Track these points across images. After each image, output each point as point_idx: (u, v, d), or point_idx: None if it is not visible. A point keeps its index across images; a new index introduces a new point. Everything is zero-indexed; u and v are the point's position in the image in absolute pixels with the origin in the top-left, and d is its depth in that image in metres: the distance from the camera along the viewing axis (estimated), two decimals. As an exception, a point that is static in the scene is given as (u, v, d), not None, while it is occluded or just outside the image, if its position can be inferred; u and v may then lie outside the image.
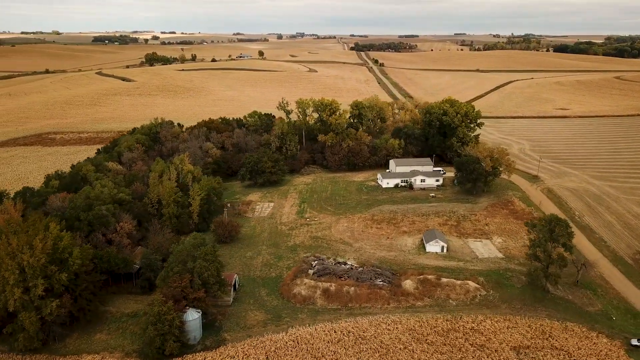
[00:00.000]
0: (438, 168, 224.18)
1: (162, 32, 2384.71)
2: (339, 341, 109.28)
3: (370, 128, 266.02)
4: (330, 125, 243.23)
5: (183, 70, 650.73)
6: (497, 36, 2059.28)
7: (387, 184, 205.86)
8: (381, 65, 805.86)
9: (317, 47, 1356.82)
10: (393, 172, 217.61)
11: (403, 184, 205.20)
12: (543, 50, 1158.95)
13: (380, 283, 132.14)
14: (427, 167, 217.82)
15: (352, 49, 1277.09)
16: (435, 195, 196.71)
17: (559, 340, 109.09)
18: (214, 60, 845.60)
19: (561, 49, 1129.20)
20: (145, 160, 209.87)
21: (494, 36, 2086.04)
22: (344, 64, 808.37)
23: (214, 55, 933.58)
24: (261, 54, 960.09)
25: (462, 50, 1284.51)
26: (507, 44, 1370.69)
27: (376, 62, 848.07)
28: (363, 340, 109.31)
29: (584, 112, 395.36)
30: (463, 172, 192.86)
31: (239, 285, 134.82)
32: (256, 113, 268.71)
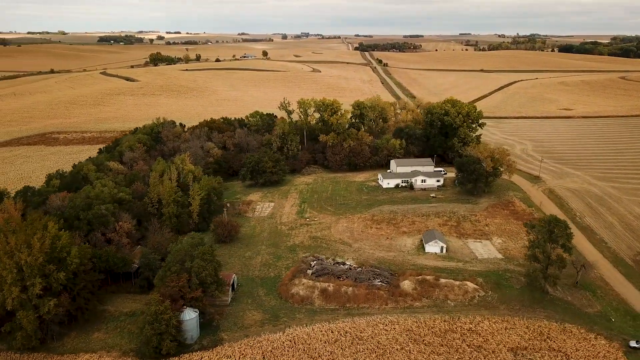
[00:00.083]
0: (439, 168, 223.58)
1: (167, 32, 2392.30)
2: (336, 341, 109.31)
3: (372, 128, 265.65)
4: (332, 126, 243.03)
5: (187, 70, 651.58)
6: (502, 36, 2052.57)
7: (388, 184, 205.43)
8: (385, 65, 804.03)
9: (322, 47, 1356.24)
10: (394, 173, 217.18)
11: (404, 184, 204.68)
12: (548, 50, 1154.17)
13: (379, 283, 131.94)
14: (428, 167, 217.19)
15: (356, 49, 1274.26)
16: (436, 195, 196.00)
17: (556, 342, 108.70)
18: (218, 60, 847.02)
19: (566, 49, 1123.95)
20: (147, 160, 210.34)
21: (499, 36, 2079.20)
22: (347, 64, 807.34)
23: (218, 55, 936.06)
24: (265, 54, 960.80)
25: (467, 50, 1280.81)
26: (512, 44, 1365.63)
27: (380, 62, 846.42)
28: (360, 341, 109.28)
29: (587, 112, 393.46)
30: (464, 173, 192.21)
31: (238, 285, 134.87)
32: (258, 113, 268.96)
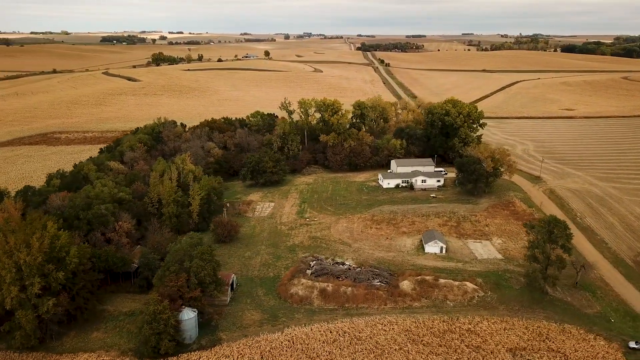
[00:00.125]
0: (440, 169, 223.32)
1: (169, 32, 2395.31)
2: (334, 341, 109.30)
3: (373, 128, 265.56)
4: (332, 126, 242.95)
5: (189, 70, 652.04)
6: (505, 36, 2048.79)
7: (388, 184, 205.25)
8: (387, 65, 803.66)
9: (324, 47, 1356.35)
10: (394, 173, 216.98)
11: (404, 185, 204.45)
12: (551, 51, 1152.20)
13: (378, 283, 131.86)
14: (429, 167, 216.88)
15: (358, 49, 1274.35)
16: (436, 195, 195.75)
17: (555, 342, 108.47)
18: (220, 60, 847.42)
19: (569, 49, 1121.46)
20: (147, 160, 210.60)
21: (501, 36, 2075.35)
22: (349, 64, 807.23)
23: (220, 55, 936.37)
24: (267, 54, 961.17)
25: (469, 50, 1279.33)
26: (514, 44, 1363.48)
27: (382, 62, 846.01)
28: (358, 341, 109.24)
29: (589, 112, 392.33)
30: (464, 173, 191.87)
31: (237, 285, 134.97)
32: (259, 113, 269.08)
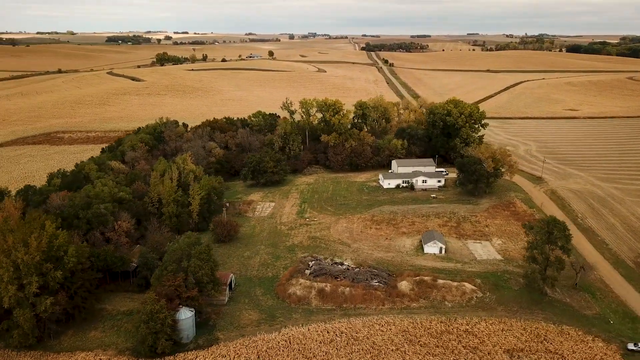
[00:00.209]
0: (441, 169, 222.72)
1: (174, 32, 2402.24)
2: (331, 342, 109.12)
3: (375, 128, 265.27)
4: (334, 126, 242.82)
5: (193, 70, 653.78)
6: (510, 36, 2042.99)
7: (389, 184, 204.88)
8: (391, 65, 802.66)
9: (328, 47, 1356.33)
10: (395, 173, 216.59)
11: (404, 185, 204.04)
12: (556, 51, 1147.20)
13: (376, 284, 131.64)
14: (430, 167, 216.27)
15: (362, 49, 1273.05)
16: (437, 196, 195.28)
17: (553, 344, 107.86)
18: (224, 60, 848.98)
19: (574, 49, 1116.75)
20: (148, 160, 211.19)
21: (507, 36, 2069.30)
22: (353, 64, 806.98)
23: (224, 56, 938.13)
24: (271, 54, 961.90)
25: (474, 50, 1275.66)
26: (519, 44, 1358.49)
27: (386, 62, 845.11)
28: (355, 341, 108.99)
29: (593, 112, 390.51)
30: (465, 173, 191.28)
31: (235, 285, 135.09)
32: (260, 113, 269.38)
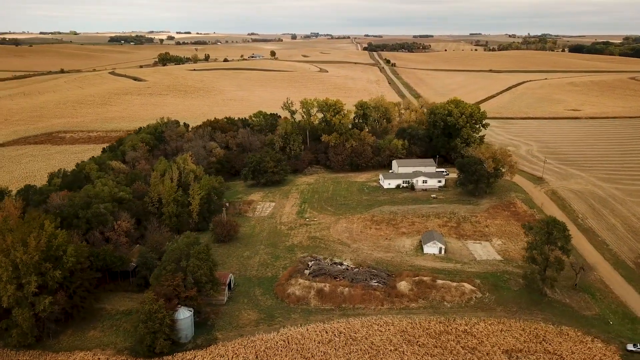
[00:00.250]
0: (441, 169, 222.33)
1: (177, 32, 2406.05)
2: (329, 342, 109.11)
3: (375, 128, 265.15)
4: (334, 126, 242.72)
5: (194, 70, 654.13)
6: (513, 36, 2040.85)
7: (389, 184, 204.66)
8: (393, 65, 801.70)
9: (330, 47, 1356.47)
10: (395, 173, 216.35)
11: (405, 185, 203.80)
12: (559, 51, 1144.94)
13: (375, 284, 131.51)
14: (430, 168, 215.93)
15: (365, 49, 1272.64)
16: (437, 196, 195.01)
17: (552, 345, 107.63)
18: (226, 60, 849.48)
19: (577, 49, 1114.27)
20: (149, 160, 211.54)
21: (509, 36, 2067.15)
22: (355, 64, 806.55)
23: (227, 56, 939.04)
24: (273, 54, 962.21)
25: (476, 50, 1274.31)
26: (522, 44, 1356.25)
27: (388, 62, 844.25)
28: (354, 341, 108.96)
29: (595, 113, 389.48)
30: (465, 173, 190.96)
31: (234, 285, 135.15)
32: (261, 113, 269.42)
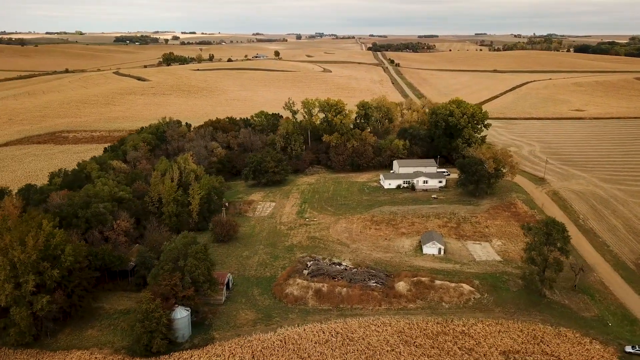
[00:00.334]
0: (442, 169, 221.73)
1: (182, 33, 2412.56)
2: (326, 342, 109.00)
3: (377, 128, 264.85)
4: (335, 126, 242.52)
5: (198, 70, 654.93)
6: (518, 36, 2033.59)
7: (389, 184, 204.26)
8: (397, 65, 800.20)
9: (335, 48, 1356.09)
10: (396, 173, 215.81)
11: (405, 185, 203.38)
12: (564, 51, 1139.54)
13: (373, 284, 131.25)
14: (431, 168, 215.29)
15: (369, 49, 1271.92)
16: (437, 196, 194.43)
17: (550, 346, 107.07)
18: (229, 60, 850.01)
19: (582, 49, 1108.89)
20: (150, 159, 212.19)
21: (514, 36, 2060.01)
22: (359, 64, 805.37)
23: (231, 56, 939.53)
24: (277, 54, 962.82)
25: (481, 50, 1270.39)
26: (527, 44, 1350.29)
27: (392, 62, 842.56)
28: (350, 342, 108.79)
29: (599, 113, 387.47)
30: (466, 174, 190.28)
31: (233, 284, 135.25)
32: (263, 113, 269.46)
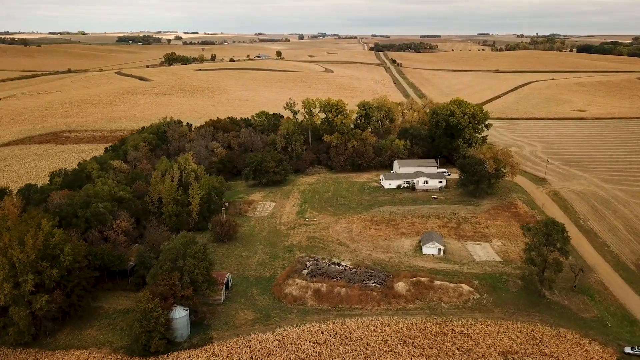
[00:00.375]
0: (443, 170, 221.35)
1: (185, 33, 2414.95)
2: (324, 342, 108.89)
3: (378, 128, 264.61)
4: (336, 126, 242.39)
5: (200, 70, 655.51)
6: (521, 36, 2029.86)
7: (390, 185, 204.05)
8: (399, 65, 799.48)
9: (337, 47, 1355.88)
10: (396, 173, 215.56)
11: (405, 185, 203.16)
12: (566, 51, 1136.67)
13: (372, 284, 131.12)
14: (431, 168, 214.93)
15: (371, 49, 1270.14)
16: (438, 197, 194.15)
17: (549, 347, 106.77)
18: (231, 60, 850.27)
19: (585, 49, 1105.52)
20: (151, 159, 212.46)
21: (517, 36, 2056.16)
22: (361, 64, 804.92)
23: (233, 56, 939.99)
24: (279, 54, 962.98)
25: (484, 50, 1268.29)
26: (530, 44, 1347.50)
27: (394, 62, 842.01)
28: (349, 342, 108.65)
29: (602, 113, 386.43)
30: (466, 174, 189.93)
31: (232, 284, 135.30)
32: (264, 113, 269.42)
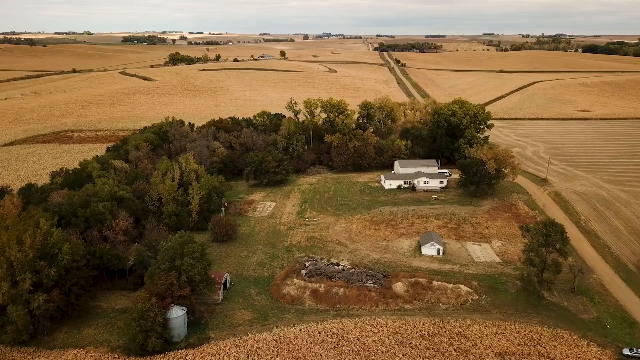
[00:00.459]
0: (444, 170, 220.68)
1: (190, 33, 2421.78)
2: (321, 342, 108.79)
3: (380, 128, 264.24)
4: (337, 126, 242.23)
5: (204, 70, 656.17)
6: (526, 36, 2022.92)
7: (390, 185, 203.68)
8: (403, 65, 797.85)
9: (342, 48, 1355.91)
10: (397, 174, 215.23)
11: (406, 186, 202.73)
12: (572, 51, 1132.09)
13: (371, 285, 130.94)
14: (432, 168, 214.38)
15: (376, 49, 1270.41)
16: (438, 197, 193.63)
17: (547, 348, 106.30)
18: (235, 60, 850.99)
19: (590, 49, 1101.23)
20: (152, 159, 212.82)
21: (522, 36, 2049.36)
22: (365, 64, 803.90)
23: (237, 56, 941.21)
24: (283, 54, 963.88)
25: (488, 50, 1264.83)
26: (535, 44, 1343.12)
27: (398, 62, 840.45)
28: (346, 342, 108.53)
29: (606, 114, 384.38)
30: (467, 174, 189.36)
31: (230, 284, 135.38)
32: (265, 113, 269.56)
